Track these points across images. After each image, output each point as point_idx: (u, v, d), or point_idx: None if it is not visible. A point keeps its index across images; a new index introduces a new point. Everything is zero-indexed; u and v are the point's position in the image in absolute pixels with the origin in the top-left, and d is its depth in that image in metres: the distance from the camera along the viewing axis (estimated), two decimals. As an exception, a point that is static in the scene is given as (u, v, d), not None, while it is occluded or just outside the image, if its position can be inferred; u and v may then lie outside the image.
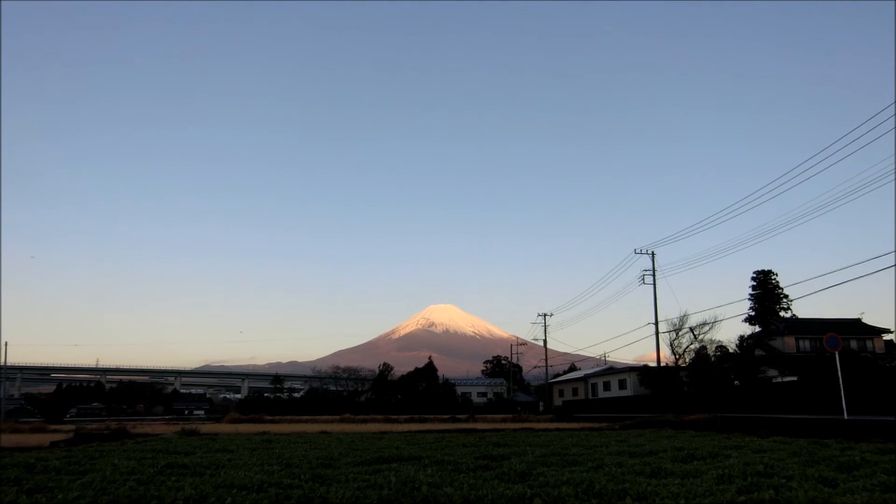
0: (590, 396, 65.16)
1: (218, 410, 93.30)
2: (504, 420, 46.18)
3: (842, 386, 21.83)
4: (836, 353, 22.73)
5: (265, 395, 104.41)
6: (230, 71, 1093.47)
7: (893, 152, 25.15)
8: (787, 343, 54.69)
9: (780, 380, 43.66)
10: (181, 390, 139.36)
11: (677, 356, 49.71)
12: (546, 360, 71.75)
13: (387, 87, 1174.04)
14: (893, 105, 23.01)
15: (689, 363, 48.79)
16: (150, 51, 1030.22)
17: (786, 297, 58.93)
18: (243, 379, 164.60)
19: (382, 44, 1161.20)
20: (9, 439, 20.92)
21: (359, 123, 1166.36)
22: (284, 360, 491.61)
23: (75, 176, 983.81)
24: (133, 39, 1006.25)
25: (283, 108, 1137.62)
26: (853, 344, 53.13)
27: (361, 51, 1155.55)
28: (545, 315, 70.63)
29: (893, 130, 25.07)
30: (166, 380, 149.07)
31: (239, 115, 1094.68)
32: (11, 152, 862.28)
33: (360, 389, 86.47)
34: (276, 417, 53.56)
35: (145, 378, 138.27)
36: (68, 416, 78.70)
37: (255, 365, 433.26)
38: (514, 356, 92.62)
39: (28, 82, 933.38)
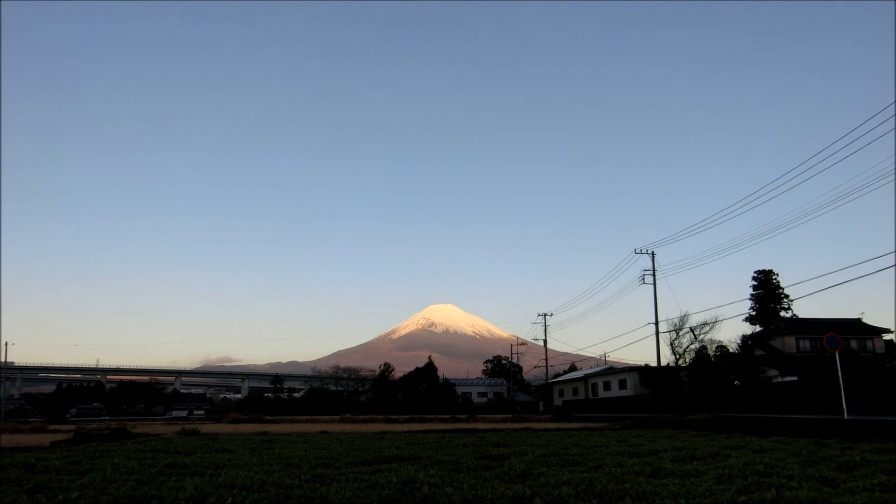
0: (590, 396, 65.14)
1: (218, 410, 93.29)
2: (504, 420, 46.21)
3: (842, 386, 21.84)
4: (837, 352, 22.74)
5: (265, 395, 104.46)
6: (232, 79, 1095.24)
7: (893, 152, 25.18)
8: (788, 343, 54.72)
9: (780, 380, 43.64)
10: (181, 390, 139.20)
11: (677, 356, 49.66)
12: (546, 360, 71.75)
13: (388, 88, 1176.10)
14: (893, 105, 23.01)
15: (690, 363, 48.70)
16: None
17: (786, 296, 58.91)
18: (243, 379, 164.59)
19: (377, 36, 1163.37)
20: (9, 439, 20.95)
21: (359, 124, 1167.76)
22: (284, 360, 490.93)
23: (75, 177, 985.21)
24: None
25: (284, 109, 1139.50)
26: (853, 344, 53.17)
27: (359, 45, 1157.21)
28: (545, 315, 70.66)
29: (893, 131, 25.11)
30: (166, 380, 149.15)
31: (240, 121, 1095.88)
32: (12, 152, 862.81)
33: (360, 389, 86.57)
34: (276, 417, 53.66)
35: (145, 378, 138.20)
36: (68, 416, 78.70)
37: (255, 365, 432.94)
38: (514, 356, 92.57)
39: (30, 83, 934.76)
